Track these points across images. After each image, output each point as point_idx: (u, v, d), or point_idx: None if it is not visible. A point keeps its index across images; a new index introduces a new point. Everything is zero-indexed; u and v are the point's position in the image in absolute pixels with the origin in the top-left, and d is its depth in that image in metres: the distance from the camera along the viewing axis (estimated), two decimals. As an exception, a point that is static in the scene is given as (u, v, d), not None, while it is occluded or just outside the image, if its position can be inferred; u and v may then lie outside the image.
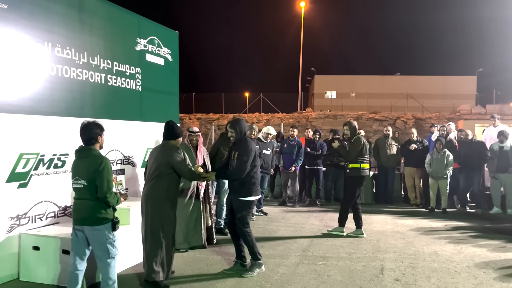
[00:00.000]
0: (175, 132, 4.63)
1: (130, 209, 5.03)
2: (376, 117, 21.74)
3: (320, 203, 9.59)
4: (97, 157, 3.76)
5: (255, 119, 23.04)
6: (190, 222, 5.73)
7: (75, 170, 3.75)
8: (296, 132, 9.26)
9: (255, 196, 4.88)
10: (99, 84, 5.60)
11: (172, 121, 4.70)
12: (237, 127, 4.80)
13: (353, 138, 6.67)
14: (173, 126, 4.65)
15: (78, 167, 3.73)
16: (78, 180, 3.69)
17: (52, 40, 4.89)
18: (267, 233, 6.84)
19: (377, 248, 6.02)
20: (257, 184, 4.89)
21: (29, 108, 4.61)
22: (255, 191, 4.84)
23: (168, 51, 7.17)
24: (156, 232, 4.39)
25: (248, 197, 4.79)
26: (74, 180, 3.72)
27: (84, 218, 3.69)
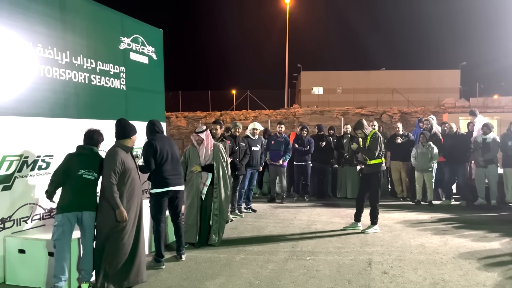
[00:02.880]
0: (124, 131, 4.47)
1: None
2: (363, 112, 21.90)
3: (308, 199, 9.64)
4: (101, 157, 4.46)
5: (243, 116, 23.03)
6: (188, 219, 5.85)
7: (88, 163, 4.27)
8: (284, 129, 9.29)
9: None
10: (82, 83, 5.53)
11: (122, 119, 4.59)
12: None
13: (369, 135, 6.62)
14: (124, 124, 4.50)
15: (91, 162, 4.30)
16: (91, 172, 4.26)
17: (34, 39, 4.81)
18: (256, 230, 6.86)
19: (365, 241, 6.08)
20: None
21: (12, 110, 4.54)
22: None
23: (152, 49, 7.11)
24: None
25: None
26: (86, 171, 4.22)
27: (89, 204, 4.23)
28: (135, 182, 4.40)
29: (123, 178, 4.25)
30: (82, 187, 4.20)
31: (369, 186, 6.70)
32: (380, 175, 6.67)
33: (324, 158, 9.81)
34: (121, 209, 4.16)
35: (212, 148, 5.96)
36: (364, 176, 6.82)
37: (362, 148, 6.74)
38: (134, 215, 4.36)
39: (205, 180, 5.89)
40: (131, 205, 4.30)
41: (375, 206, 6.66)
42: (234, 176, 7.63)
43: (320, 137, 9.90)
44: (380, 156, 6.59)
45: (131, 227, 4.30)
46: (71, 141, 5.33)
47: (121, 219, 4.17)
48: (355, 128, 6.82)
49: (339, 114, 21.59)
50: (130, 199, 4.31)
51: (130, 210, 4.27)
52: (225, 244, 5.95)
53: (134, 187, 4.37)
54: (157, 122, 5.33)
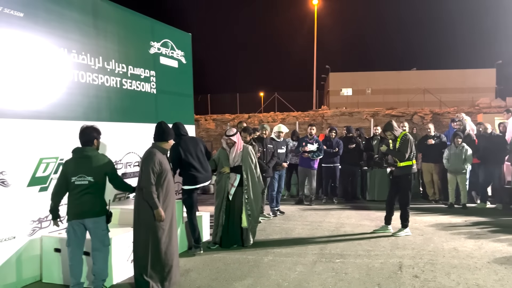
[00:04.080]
0: (163, 134, 4.53)
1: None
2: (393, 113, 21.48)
3: (337, 201, 9.54)
4: (103, 156, 4.26)
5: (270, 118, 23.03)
6: (215, 220, 5.99)
7: (77, 168, 4.06)
8: (315, 130, 9.23)
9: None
10: (114, 88, 5.70)
11: (162, 122, 4.66)
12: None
13: (399, 136, 6.50)
14: (164, 128, 4.56)
15: (81, 165, 4.07)
16: (83, 177, 4.05)
17: (68, 46, 5.00)
18: (284, 232, 6.85)
19: (395, 245, 5.97)
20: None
21: (47, 114, 4.72)
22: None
23: (181, 53, 7.24)
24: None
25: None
26: (77, 177, 4.04)
27: (87, 211, 4.07)
28: (170, 184, 4.48)
29: (160, 179, 4.33)
30: (76, 194, 4.05)
31: (399, 189, 6.57)
32: (410, 177, 6.52)
33: (353, 160, 9.69)
34: (159, 209, 4.24)
35: (241, 150, 6.00)
36: (394, 178, 6.69)
37: (391, 150, 6.61)
38: (170, 216, 4.45)
39: (233, 181, 5.93)
40: (167, 206, 4.39)
41: (406, 209, 6.52)
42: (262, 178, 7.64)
43: (349, 139, 9.79)
44: (410, 158, 6.45)
45: (168, 227, 4.39)
46: (104, 144, 5.51)
47: (159, 219, 4.26)
48: (384, 129, 6.70)
49: (368, 116, 21.26)
50: (166, 200, 4.40)
51: (166, 211, 4.36)
52: (253, 246, 5.97)
53: (169, 189, 4.45)
54: (181, 125, 5.63)
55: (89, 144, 4.20)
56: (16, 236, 4.35)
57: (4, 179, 4.20)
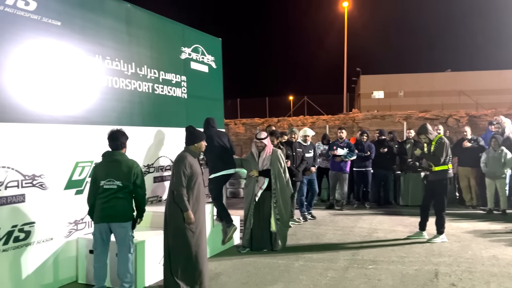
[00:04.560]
0: (192, 137, 4.62)
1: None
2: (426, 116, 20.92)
3: (369, 206, 9.36)
4: (131, 161, 4.29)
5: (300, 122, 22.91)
6: (245, 223, 6.03)
7: (107, 172, 4.13)
8: (345, 134, 9.10)
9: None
10: (146, 93, 5.81)
11: (191, 126, 4.75)
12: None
13: (434, 140, 6.32)
14: (192, 131, 4.66)
15: (111, 169, 4.14)
16: (112, 181, 4.11)
17: (103, 53, 5.14)
18: (315, 237, 6.77)
19: (431, 251, 5.78)
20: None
21: (83, 119, 4.86)
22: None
23: (212, 58, 7.31)
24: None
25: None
26: (106, 181, 4.10)
27: (115, 215, 4.11)
28: (200, 187, 4.51)
29: (190, 182, 4.38)
30: (105, 198, 4.10)
31: (434, 194, 6.37)
32: (446, 182, 6.31)
33: (385, 164, 9.48)
34: (189, 212, 4.28)
35: (271, 154, 5.98)
36: (429, 183, 6.49)
37: (426, 154, 6.42)
38: (200, 219, 4.48)
39: (261, 184, 5.93)
40: (196, 209, 4.42)
41: (441, 215, 6.30)
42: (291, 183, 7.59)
43: (381, 142, 9.60)
44: (446, 162, 6.24)
45: (197, 231, 4.42)
46: (136, 148, 5.63)
47: (189, 221, 4.30)
48: (419, 133, 6.52)
49: (401, 119, 20.79)
50: (196, 203, 4.43)
51: (195, 214, 4.39)
52: (283, 250, 5.93)
53: (199, 192, 4.49)
54: (211, 119, 6.21)
55: (118, 148, 4.26)
56: (53, 237, 4.49)
57: (42, 182, 4.35)
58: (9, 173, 4.05)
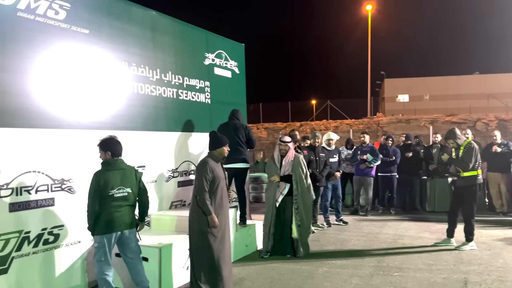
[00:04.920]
0: (213, 142, 4.65)
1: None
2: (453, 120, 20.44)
3: (394, 212, 9.19)
4: (131, 166, 4.28)
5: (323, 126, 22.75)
6: (265, 229, 6.00)
7: (116, 180, 4.04)
8: (368, 138, 8.99)
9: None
10: (171, 98, 5.89)
11: (214, 131, 4.79)
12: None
13: (462, 145, 6.16)
14: (214, 136, 4.68)
15: (120, 177, 4.07)
16: (122, 189, 4.06)
17: (129, 59, 5.25)
18: (339, 243, 6.69)
19: (459, 259, 5.62)
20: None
21: (109, 124, 4.96)
22: None
23: (235, 63, 7.36)
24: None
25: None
26: (117, 190, 4.03)
27: (127, 222, 4.12)
28: (223, 192, 4.54)
29: (212, 186, 4.41)
30: (115, 207, 4.04)
31: (463, 200, 6.20)
32: (475, 188, 6.13)
33: (411, 169, 9.30)
34: (212, 216, 4.31)
35: (293, 159, 5.96)
36: (457, 189, 6.32)
37: (454, 160, 6.26)
38: (223, 223, 4.49)
39: (282, 190, 5.90)
40: (219, 213, 4.44)
41: (470, 222, 6.12)
42: (314, 188, 7.54)
43: (406, 147, 9.42)
44: (475, 167, 6.07)
45: (220, 235, 4.44)
46: (161, 153, 5.71)
47: (213, 225, 4.32)
48: (446, 137, 6.37)
49: (427, 123, 20.39)
50: (219, 207, 4.46)
51: (218, 218, 4.40)
52: (307, 256, 5.88)
53: (222, 196, 4.51)
54: (235, 111, 6.24)
55: (120, 155, 4.19)
56: (81, 240, 4.59)
57: (71, 186, 4.46)
58: (40, 177, 4.17)
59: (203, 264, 4.37)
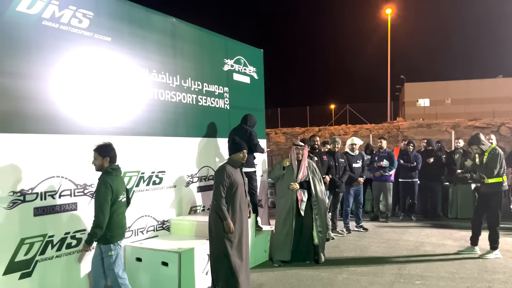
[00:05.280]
0: (231, 148, 4.69)
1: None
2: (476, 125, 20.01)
3: (415, 219, 9.03)
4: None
5: (342, 131, 22.57)
6: (280, 236, 5.80)
7: (120, 186, 4.04)
8: (385, 143, 8.88)
9: None
10: (190, 104, 5.94)
11: (233, 137, 4.82)
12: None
13: (487, 151, 6.04)
14: (232, 142, 4.71)
15: (122, 183, 4.11)
16: (124, 194, 4.09)
17: (149, 66, 5.32)
18: (359, 249, 6.60)
19: (484, 268, 5.48)
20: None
21: (130, 130, 5.03)
22: None
23: (253, 69, 7.38)
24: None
25: None
26: (122, 195, 4.05)
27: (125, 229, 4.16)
28: (241, 197, 4.53)
29: (230, 191, 4.43)
30: (122, 214, 4.10)
31: (487, 207, 6.05)
32: (500, 195, 5.97)
33: (433, 175, 9.13)
34: (228, 221, 4.32)
35: (307, 164, 5.93)
36: (481, 196, 6.17)
37: (478, 166, 6.12)
38: (240, 229, 4.49)
39: (303, 196, 5.85)
40: (236, 218, 4.45)
41: (495, 230, 5.97)
42: (334, 193, 7.48)
43: (428, 152, 9.26)
44: (500, 174, 5.92)
45: (237, 240, 4.44)
46: (180, 158, 5.76)
47: (228, 230, 4.33)
48: (470, 143, 6.23)
49: (448, 127, 20.01)
50: (235, 213, 4.46)
51: (235, 223, 4.42)
52: (326, 263, 5.83)
53: (240, 202, 4.51)
54: (247, 115, 6.31)
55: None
56: (102, 244, 4.64)
57: (93, 191, 4.52)
58: (63, 182, 4.25)
59: (220, 269, 4.39)
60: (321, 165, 7.01)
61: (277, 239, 5.86)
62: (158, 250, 4.66)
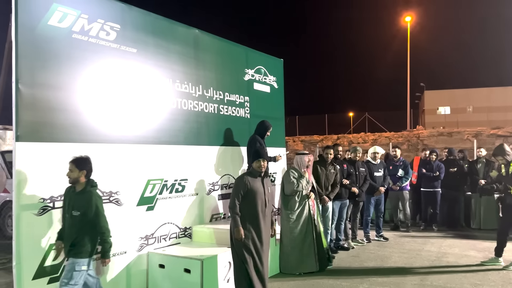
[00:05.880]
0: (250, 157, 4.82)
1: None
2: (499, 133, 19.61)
3: (437, 229, 8.90)
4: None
5: (361, 139, 22.41)
6: (304, 248, 5.78)
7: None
8: (399, 152, 8.79)
9: None
10: (212, 113, 6.04)
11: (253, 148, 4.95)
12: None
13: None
14: (251, 150, 4.85)
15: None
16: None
17: (173, 76, 5.44)
18: (379, 259, 6.56)
19: (508, 280, 5.38)
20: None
21: (154, 139, 5.15)
22: None
23: (273, 78, 7.46)
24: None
25: None
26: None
27: None
28: (259, 206, 4.53)
29: (245, 200, 4.48)
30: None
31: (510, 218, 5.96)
32: None
33: (455, 185, 9.00)
34: (238, 228, 4.39)
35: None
36: (507, 207, 6.07)
37: (504, 176, 6.04)
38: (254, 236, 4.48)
39: (314, 204, 5.94)
40: (250, 227, 4.47)
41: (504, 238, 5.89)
42: (354, 203, 7.45)
43: (450, 162, 9.15)
44: None
45: (252, 249, 4.45)
46: (202, 167, 5.85)
47: (238, 237, 4.39)
48: (494, 154, 6.18)
49: (470, 136, 19.66)
50: (251, 221, 4.48)
51: (250, 231, 4.45)
52: (347, 273, 5.81)
53: (258, 211, 4.51)
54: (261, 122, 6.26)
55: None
56: (127, 251, 4.75)
57: (118, 198, 4.65)
58: (90, 190, 4.37)
59: (240, 277, 4.46)
60: (342, 173, 7.02)
61: (299, 251, 5.77)
62: (181, 257, 4.74)
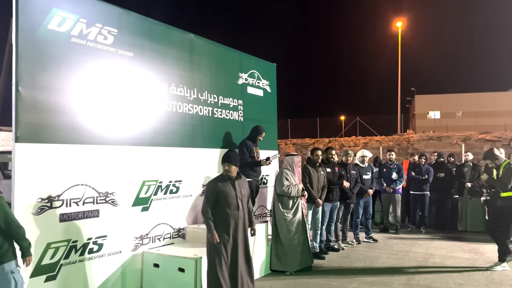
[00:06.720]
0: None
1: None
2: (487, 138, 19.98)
3: (425, 231, 9.11)
4: None
5: (352, 143, 22.66)
6: (299, 246, 5.99)
7: None
8: (394, 156, 9.00)
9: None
10: (206, 116, 6.16)
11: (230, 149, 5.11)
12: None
13: (502, 165, 6.14)
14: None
15: None
16: None
17: (168, 80, 5.56)
18: (368, 260, 6.72)
19: (491, 280, 5.57)
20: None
21: (149, 141, 5.26)
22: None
23: (266, 82, 7.61)
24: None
25: None
26: None
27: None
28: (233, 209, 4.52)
29: (217, 204, 4.49)
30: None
31: (500, 220, 6.15)
32: None
33: (443, 188, 9.22)
34: (212, 233, 4.40)
35: None
36: (496, 209, 6.24)
37: (493, 180, 6.23)
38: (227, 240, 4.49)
39: (304, 202, 6.16)
40: (222, 230, 4.46)
41: (505, 242, 6.06)
42: (345, 205, 7.62)
43: (439, 165, 9.36)
44: None
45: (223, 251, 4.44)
46: (197, 168, 5.97)
47: (212, 242, 4.41)
48: (485, 158, 6.38)
49: (459, 140, 20.01)
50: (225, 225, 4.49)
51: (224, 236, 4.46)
52: (337, 273, 5.96)
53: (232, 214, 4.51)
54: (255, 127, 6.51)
55: None
56: (122, 250, 4.86)
57: (114, 199, 4.75)
58: (87, 190, 4.48)
59: (207, 278, 4.47)
60: (333, 176, 7.18)
61: (295, 249, 5.95)
62: (175, 256, 4.84)
